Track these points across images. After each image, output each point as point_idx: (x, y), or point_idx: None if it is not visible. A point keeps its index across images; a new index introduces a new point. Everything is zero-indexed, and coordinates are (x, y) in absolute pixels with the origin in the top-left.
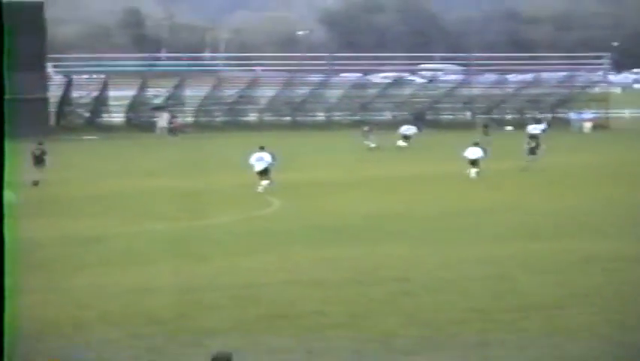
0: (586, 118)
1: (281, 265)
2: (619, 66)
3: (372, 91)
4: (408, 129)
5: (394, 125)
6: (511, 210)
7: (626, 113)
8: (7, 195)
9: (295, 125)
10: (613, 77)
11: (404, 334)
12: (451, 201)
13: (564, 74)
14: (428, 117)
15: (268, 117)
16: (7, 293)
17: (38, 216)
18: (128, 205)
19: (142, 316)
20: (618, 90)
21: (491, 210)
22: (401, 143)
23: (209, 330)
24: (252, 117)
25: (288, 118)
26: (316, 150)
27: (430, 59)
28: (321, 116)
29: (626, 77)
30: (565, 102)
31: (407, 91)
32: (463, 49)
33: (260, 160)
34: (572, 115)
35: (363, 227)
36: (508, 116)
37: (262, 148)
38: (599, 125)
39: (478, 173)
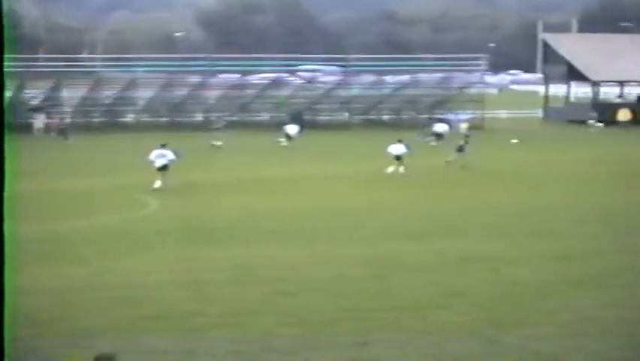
0: (462, 119)
1: (158, 265)
2: (495, 67)
3: (250, 92)
4: (292, 129)
5: (272, 126)
6: (389, 210)
7: (502, 113)
8: None
9: (173, 126)
10: (490, 79)
11: (283, 333)
12: (330, 201)
13: (441, 75)
14: (306, 118)
15: (146, 118)
16: (7, 293)
17: None
18: None
19: (17, 318)
20: (495, 91)
21: (369, 210)
22: (283, 141)
23: (87, 331)
24: (130, 118)
25: (166, 119)
26: (195, 151)
27: (309, 59)
28: (199, 117)
29: (502, 78)
30: (442, 103)
31: (285, 92)
32: (341, 50)
33: (161, 157)
34: (449, 116)
35: (242, 227)
36: (385, 117)
37: (164, 145)
38: (474, 126)
39: (400, 170)
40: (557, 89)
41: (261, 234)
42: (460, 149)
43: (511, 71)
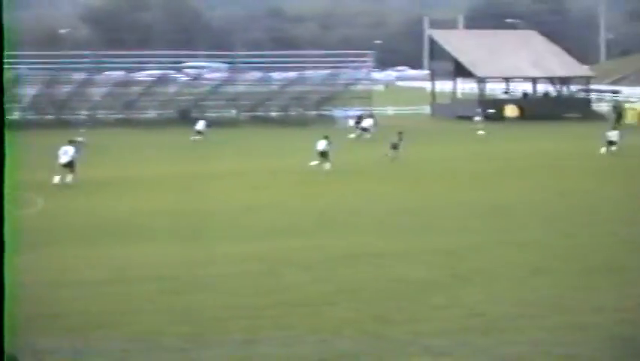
0: (350, 115)
1: (44, 264)
2: (382, 64)
3: (136, 89)
4: (201, 124)
5: (160, 123)
6: (277, 206)
7: (389, 110)
8: None
9: (59, 124)
10: (376, 75)
11: (172, 332)
12: (219, 199)
13: (328, 71)
14: (193, 115)
15: (31, 116)
16: (6, 293)
17: None
18: None
19: None
20: (381, 87)
21: (258, 207)
22: (196, 137)
23: None
24: (15, 116)
25: (51, 116)
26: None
27: (195, 56)
28: (84, 114)
29: (388, 74)
30: (329, 100)
31: (172, 89)
32: (227, 46)
33: (65, 153)
34: (337, 112)
35: (131, 225)
36: (273, 114)
37: (71, 142)
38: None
39: (326, 166)
40: (444, 86)
41: (150, 232)
42: (395, 146)
43: (398, 68)
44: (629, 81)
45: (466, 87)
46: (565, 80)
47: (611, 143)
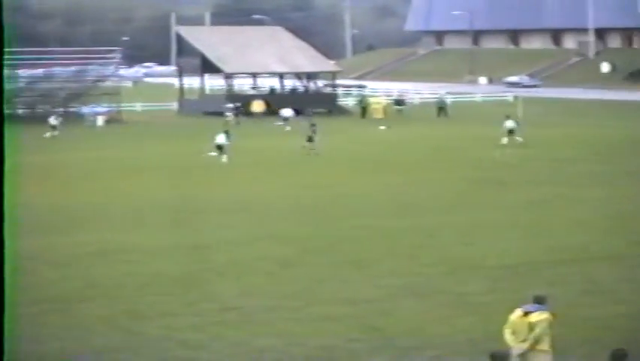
0: (99, 112)
1: None
2: (130, 60)
3: None
4: (55, 119)
5: None
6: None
7: (138, 106)
8: None
9: None
10: (124, 71)
11: None
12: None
13: (75, 68)
14: None
15: None
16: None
17: None
18: None
19: None
20: (130, 84)
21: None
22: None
23: None
24: None
25: None
26: None
27: None
28: None
29: (137, 70)
30: (77, 96)
31: None
32: None
33: None
34: (85, 109)
35: None
36: (20, 111)
37: None
38: (113, 119)
39: (223, 159)
40: (194, 82)
41: None
42: (310, 139)
43: (146, 64)
44: (375, 76)
45: (215, 83)
46: (312, 75)
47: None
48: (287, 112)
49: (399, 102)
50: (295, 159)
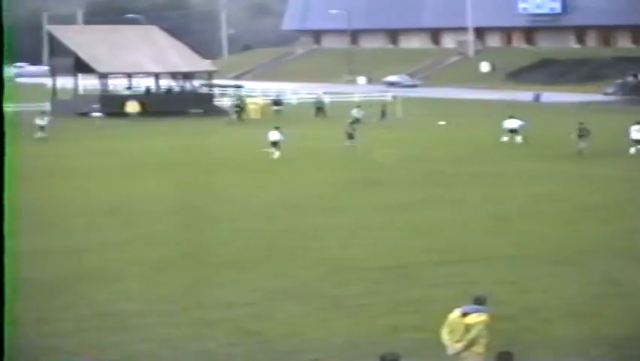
0: None
1: None
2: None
3: None
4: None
5: None
6: None
7: (9, 107)
8: None
9: None
10: None
11: None
12: None
13: None
14: None
15: None
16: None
17: None
18: None
19: None
20: None
21: None
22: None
23: None
24: None
25: None
26: None
27: None
28: None
29: (7, 71)
30: None
31: None
32: None
33: None
34: None
35: None
36: None
37: None
38: None
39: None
40: (68, 82)
41: None
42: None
43: (17, 64)
44: (252, 76)
45: (89, 83)
46: (187, 75)
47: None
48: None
49: (277, 102)
50: (170, 160)
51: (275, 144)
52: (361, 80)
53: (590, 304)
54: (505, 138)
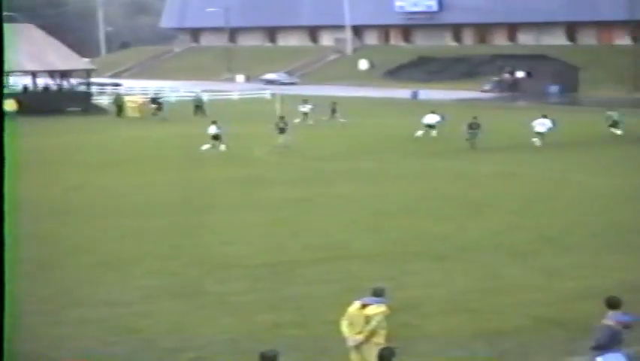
0: None
1: None
2: None
3: None
4: None
5: None
6: None
7: None
8: None
9: None
10: None
11: None
12: None
13: None
14: None
15: None
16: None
17: None
18: None
19: None
20: None
21: None
22: None
23: None
24: None
25: None
26: None
27: None
28: None
29: None
30: None
31: None
32: None
33: None
34: None
35: None
36: None
37: None
38: None
39: None
40: None
41: None
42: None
43: None
44: (130, 74)
45: None
46: (65, 74)
47: None
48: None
49: (155, 100)
50: (47, 159)
51: (216, 137)
52: (240, 78)
53: (470, 299)
54: (420, 133)
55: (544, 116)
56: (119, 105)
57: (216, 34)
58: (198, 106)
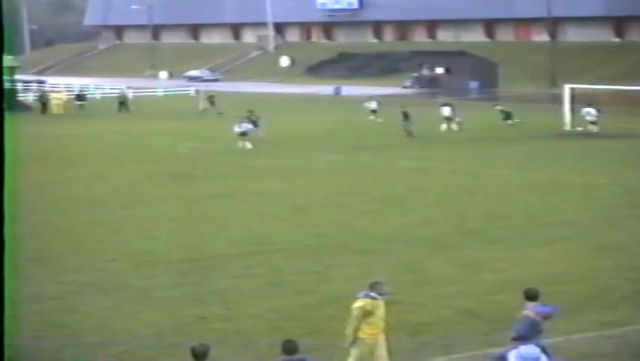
0: None
1: None
2: None
3: None
4: None
5: None
6: None
7: None
8: None
9: None
10: None
11: None
12: None
13: None
14: None
15: None
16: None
17: None
18: None
19: None
20: None
21: None
22: None
23: None
24: None
25: None
26: None
27: None
28: None
29: None
30: None
31: None
32: None
33: None
34: None
35: None
36: None
37: None
38: None
39: None
40: None
41: None
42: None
43: None
44: (55, 71)
45: None
46: None
47: None
48: None
49: (80, 97)
50: None
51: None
52: (163, 74)
53: (392, 291)
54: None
55: (447, 104)
56: (43, 102)
57: (140, 32)
58: (122, 103)
